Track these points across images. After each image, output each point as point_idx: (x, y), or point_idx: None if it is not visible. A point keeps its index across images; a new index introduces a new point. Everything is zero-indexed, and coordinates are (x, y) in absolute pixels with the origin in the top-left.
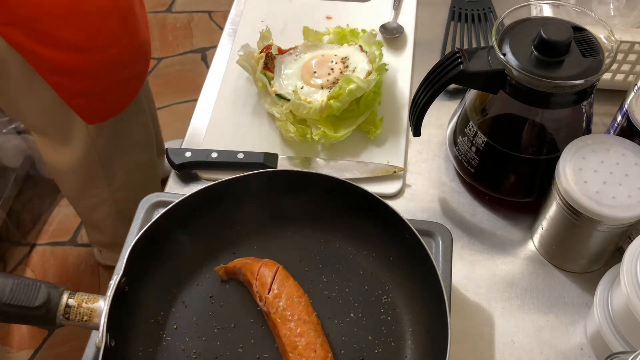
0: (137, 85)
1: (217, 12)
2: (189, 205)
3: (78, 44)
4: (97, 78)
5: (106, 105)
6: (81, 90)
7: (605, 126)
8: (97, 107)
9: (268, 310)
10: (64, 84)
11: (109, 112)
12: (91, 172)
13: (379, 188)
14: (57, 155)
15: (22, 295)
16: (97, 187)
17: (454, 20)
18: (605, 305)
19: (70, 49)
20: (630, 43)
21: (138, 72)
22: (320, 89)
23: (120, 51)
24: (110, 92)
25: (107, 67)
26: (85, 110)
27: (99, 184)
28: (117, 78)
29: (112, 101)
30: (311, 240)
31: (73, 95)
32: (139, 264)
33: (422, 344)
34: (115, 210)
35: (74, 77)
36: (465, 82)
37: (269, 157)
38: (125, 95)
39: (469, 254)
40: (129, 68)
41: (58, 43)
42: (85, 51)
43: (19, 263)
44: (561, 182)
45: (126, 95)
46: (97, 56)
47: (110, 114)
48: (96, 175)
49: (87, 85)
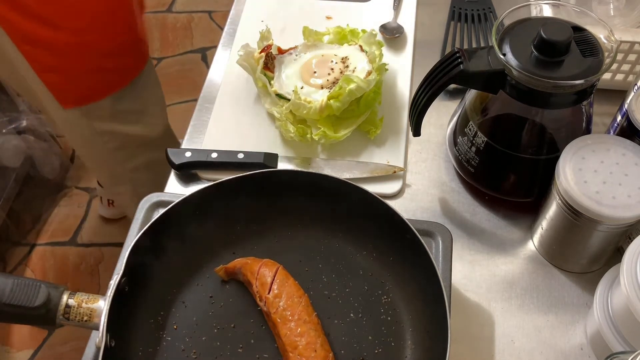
0: (119, 79)
1: (217, 12)
2: (188, 205)
3: (53, 20)
4: (69, 58)
5: (79, 90)
6: (52, 66)
7: (605, 126)
8: (70, 90)
9: (268, 310)
10: (35, 55)
11: (82, 97)
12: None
13: (379, 188)
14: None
15: (22, 295)
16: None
17: (454, 20)
18: (605, 305)
19: (45, 23)
20: (630, 43)
21: (121, 66)
22: (320, 89)
23: (102, 39)
24: (84, 77)
25: (82, 51)
26: (58, 89)
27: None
28: (92, 65)
29: (86, 87)
30: (311, 240)
31: (44, 69)
32: (139, 264)
33: (422, 344)
34: (132, 188)
35: (46, 51)
36: (465, 82)
37: (269, 157)
38: (103, 85)
39: (469, 254)
40: (109, 60)
41: (33, 14)
42: (58, 28)
43: (19, 263)
44: (561, 182)
45: (103, 85)
46: (71, 37)
47: (85, 101)
48: (107, 155)
49: (58, 63)
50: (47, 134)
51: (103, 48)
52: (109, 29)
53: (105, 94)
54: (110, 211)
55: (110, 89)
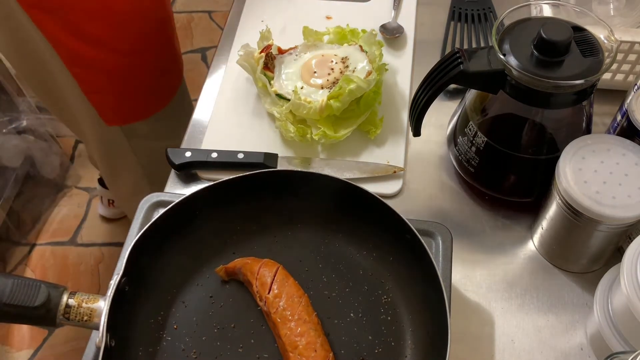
0: (163, 97)
1: (217, 12)
2: (188, 206)
3: (106, 42)
4: (118, 79)
5: (125, 109)
6: (101, 87)
7: (605, 126)
8: (116, 109)
9: (268, 310)
10: (85, 76)
11: (127, 116)
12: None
13: (379, 188)
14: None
15: (22, 295)
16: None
17: (454, 20)
18: (605, 305)
19: (98, 45)
20: (630, 43)
21: (165, 84)
22: (320, 89)
23: (149, 59)
24: (132, 97)
25: (130, 72)
26: (104, 108)
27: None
28: (140, 85)
29: (132, 107)
30: (311, 240)
31: (93, 90)
32: (139, 264)
33: (422, 344)
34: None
35: (96, 72)
36: (465, 82)
37: (269, 157)
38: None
39: (469, 254)
40: (155, 79)
41: (87, 37)
42: (110, 50)
43: (19, 263)
44: (561, 182)
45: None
46: (121, 58)
47: (129, 119)
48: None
49: (107, 84)
50: (47, 134)
51: (150, 68)
52: (155, 49)
53: (150, 112)
54: (110, 211)
55: (156, 108)
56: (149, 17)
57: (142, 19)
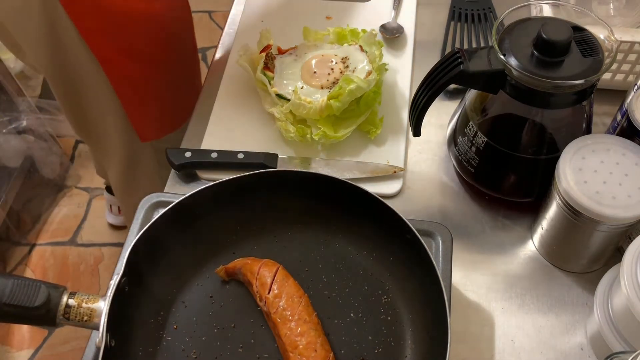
0: (192, 103)
1: (217, 12)
2: (189, 206)
3: (151, 55)
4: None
5: (159, 123)
6: (142, 103)
7: (605, 126)
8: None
9: (268, 310)
10: (130, 95)
11: (160, 130)
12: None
13: (379, 188)
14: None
15: (22, 295)
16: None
17: (454, 20)
18: (605, 305)
19: (144, 61)
20: (630, 43)
21: (193, 90)
22: (320, 89)
23: (183, 67)
24: (167, 108)
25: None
26: (142, 125)
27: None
28: (177, 94)
29: (168, 117)
30: (311, 240)
31: (135, 109)
32: (139, 264)
33: (422, 344)
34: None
35: (139, 89)
36: (465, 82)
37: (269, 157)
38: (182, 112)
39: (469, 254)
40: (187, 86)
41: (135, 54)
42: (154, 63)
43: (19, 263)
44: (561, 182)
45: (183, 112)
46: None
47: (162, 133)
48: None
49: (148, 99)
50: (47, 134)
51: (183, 77)
52: (185, 56)
53: (182, 122)
54: (119, 218)
55: (186, 117)
56: (183, 26)
57: (177, 30)
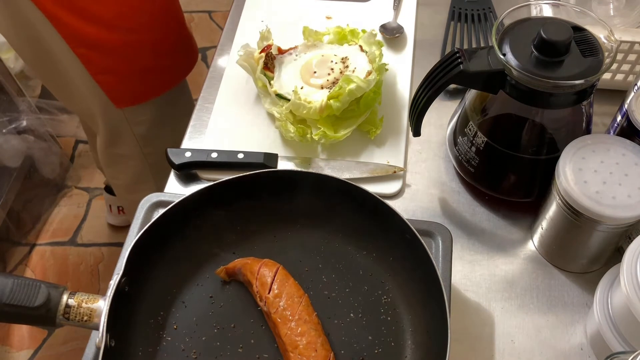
0: (172, 77)
1: (217, 12)
2: (188, 206)
3: (109, 21)
4: (125, 58)
5: (134, 89)
6: (107, 67)
7: (605, 126)
8: (124, 90)
9: (268, 310)
10: (90, 57)
11: (136, 96)
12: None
13: (379, 188)
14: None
15: (22, 295)
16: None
17: (454, 20)
18: (605, 305)
19: (101, 24)
20: (630, 43)
21: (174, 64)
22: (320, 89)
23: (154, 38)
24: (139, 76)
25: (137, 50)
26: (112, 89)
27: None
28: (148, 64)
29: (141, 86)
30: (311, 240)
31: (99, 71)
32: (139, 264)
33: (422, 344)
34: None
35: (101, 53)
36: (465, 82)
37: (269, 157)
38: (157, 83)
39: (469, 254)
40: (163, 58)
41: (89, 16)
42: (115, 28)
43: (19, 263)
44: (561, 182)
45: (158, 83)
46: (127, 36)
47: (139, 99)
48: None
49: (113, 64)
50: (47, 134)
51: (157, 46)
52: (162, 27)
53: (160, 91)
54: (119, 219)
55: (164, 87)
56: None
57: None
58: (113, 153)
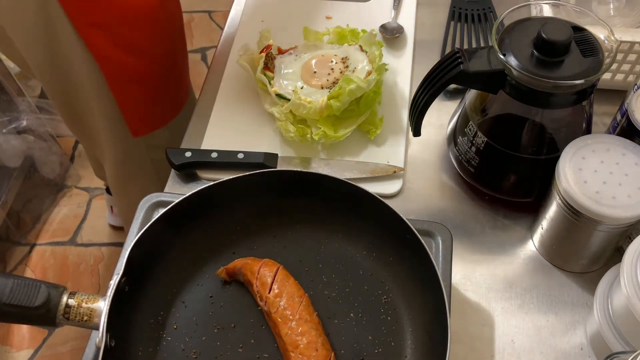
0: (183, 98)
1: (217, 12)
2: (189, 206)
3: (145, 49)
4: (150, 86)
5: (153, 116)
6: (135, 98)
7: (605, 126)
8: (145, 118)
9: (269, 310)
10: (123, 90)
11: (154, 123)
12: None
13: (379, 188)
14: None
15: (22, 295)
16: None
17: (454, 20)
18: (605, 305)
19: (138, 54)
20: (630, 43)
21: (184, 83)
22: (320, 89)
23: (173, 61)
24: (158, 103)
25: (161, 76)
26: (134, 120)
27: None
28: (167, 90)
29: (159, 112)
30: (311, 240)
31: (128, 104)
32: (139, 264)
33: (422, 344)
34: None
35: (132, 84)
36: (465, 82)
37: (269, 157)
38: (172, 106)
39: (469, 254)
40: (178, 81)
41: (129, 48)
42: (148, 56)
43: (19, 263)
44: (561, 182)
45: (173, 106)
46: (155, 62)
47: (156, 126)
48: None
49: (140, 93)
50: (47, 134)
51: (174, 71)
52: (176, 51)
53: (173, 116)
54: (120, 219)
55: (176, 111)
56: (173, 19)
57: (170, 23)
58: (124, 175)
